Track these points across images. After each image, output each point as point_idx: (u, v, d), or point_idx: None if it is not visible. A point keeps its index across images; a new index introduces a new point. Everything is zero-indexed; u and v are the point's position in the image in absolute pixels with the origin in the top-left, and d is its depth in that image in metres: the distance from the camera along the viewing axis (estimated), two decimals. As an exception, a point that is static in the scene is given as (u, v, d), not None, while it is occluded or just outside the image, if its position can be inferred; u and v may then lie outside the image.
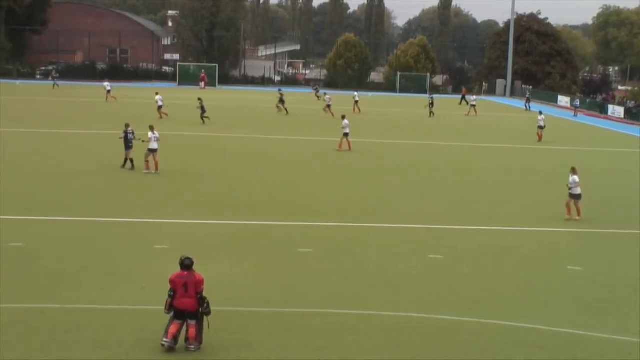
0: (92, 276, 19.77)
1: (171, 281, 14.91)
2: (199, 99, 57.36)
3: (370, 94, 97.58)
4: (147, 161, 34.45)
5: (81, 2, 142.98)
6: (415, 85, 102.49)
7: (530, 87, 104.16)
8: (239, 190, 32.13)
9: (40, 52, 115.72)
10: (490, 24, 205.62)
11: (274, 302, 18.14)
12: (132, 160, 35.00)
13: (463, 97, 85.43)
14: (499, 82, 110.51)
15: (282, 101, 66.81)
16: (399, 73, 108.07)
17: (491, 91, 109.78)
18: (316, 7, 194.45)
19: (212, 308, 15.18)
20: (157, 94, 59.43)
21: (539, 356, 15.66)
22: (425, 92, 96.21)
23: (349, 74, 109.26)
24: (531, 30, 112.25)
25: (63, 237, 23.49)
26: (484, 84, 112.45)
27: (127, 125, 35.03)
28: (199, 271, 15.32)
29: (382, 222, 27.13)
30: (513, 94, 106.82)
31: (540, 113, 55.42)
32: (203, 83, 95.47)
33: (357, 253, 22.98)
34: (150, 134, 34.19)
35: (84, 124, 52.43)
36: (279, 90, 72.14)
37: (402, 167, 40.39)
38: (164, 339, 14.92)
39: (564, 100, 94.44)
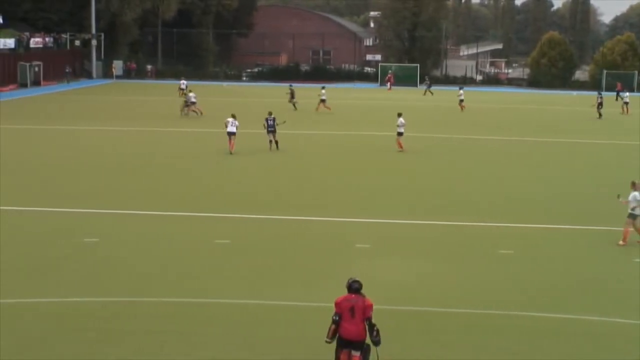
0: (295, 273, 20.28)
1: (337, 304, 13.38)
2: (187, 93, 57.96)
3: (574, 92, 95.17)
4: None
5: (286, 5, 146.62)
6: (622, 83, 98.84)
7: None
8: (429, 190, 32.02)
9: (246, 54, 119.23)
10: None
11: (474, 303, 18.02)
12: (277, 142, 39.49)
13: (618, 93, 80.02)
14: None
15: (292, 96, 63.38)
16: (604, 71, 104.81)
17: None
18: (519, 5, 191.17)
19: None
20: (190, 91, 59.34)
21: None
22: (632, 90, 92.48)
23: (552, 73, 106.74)
24: None
25: (266, 235, 24.09)
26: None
27: (269, 113, 39.87)
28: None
29: (581, 224, 26.36)
30: None
31: None
32: (389, 84, 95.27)
33: (559, 255, 22.52)
34: (231, 119, 38.64)
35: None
36: (290, 85, 68.70)
37: (577, 165, 39.26)
38: None
39: None
